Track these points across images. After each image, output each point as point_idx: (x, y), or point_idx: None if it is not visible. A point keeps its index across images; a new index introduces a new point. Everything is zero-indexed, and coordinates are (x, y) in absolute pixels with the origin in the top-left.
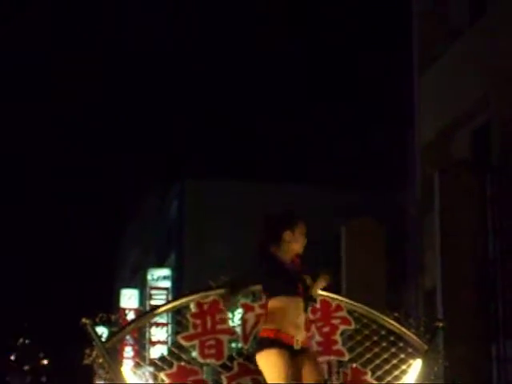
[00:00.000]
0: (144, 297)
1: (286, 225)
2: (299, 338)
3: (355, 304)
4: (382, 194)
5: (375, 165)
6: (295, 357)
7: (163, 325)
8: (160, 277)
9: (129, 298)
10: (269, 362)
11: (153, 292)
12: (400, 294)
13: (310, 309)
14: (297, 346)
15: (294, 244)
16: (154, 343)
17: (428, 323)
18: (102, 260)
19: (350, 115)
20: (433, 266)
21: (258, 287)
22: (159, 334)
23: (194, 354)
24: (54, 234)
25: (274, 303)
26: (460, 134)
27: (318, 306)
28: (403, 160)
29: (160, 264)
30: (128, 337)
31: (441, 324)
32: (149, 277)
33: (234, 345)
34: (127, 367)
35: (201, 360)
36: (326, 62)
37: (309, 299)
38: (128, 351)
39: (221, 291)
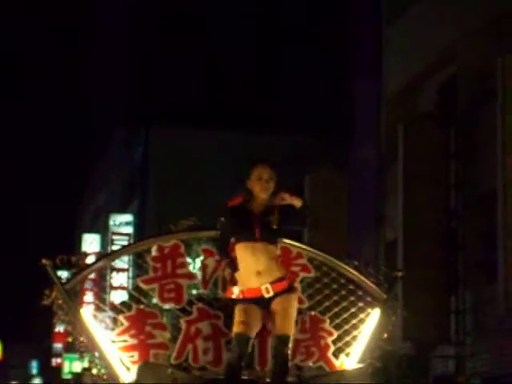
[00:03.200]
0: (106, 242)
1: (247, 174)
2: (268, 284)
3: (315, 252)
4: (345, 144)
5: (340, 114)
6: (269, 305)
7: (124, 270)
8: (122, 222)
9: (90, 243)
10: (234, 316)
11: (114, 237)
12: (361, 244)
13: (278, 246)
14: (268, 294)
15: (254, 190)
16: (114, 288)
17: (387, 273)
18: (64, 204)
19: (317, 62)
20: (394, 217)
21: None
22: (120, 278)
23: (154, 299)
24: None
25: (236, 251)
26: (426, 87)
27: (278, 252)
28: (368, 111)
29: (123, 210)
30: (88, 281)
31: (400, 274)
32: (111, 222)
33: (194, 291)
34: (87, 311)
35: (160, 303)
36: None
37: (269, 235)
38: (89, 296)
39: (181, 235)
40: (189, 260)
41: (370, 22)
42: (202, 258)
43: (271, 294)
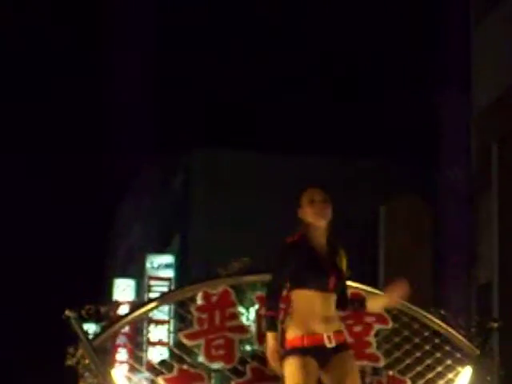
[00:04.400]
0: (142, 288)
1: (298, 203)
2: (331, 333)
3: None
4: (428, 169)
5: (419, 134)
6: (330, 357)
7: (163, 322)
8: (161, 265)
9: (123, 290)
10: (288, 373)
11: (152, 283)
12: (448, 288)
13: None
14: (330, 344)
15: (307, 217)
16: (152, 344)
17: (481, 323)
18: (92, 244)
19: (395, 73)
20: (488, 255)
21: None
22: (159, 332)
23: (200, 357)
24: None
25: (297, 295)
26: None
27: None
28: (454, 129)
29: (161, 249)
30: (121, 336)
31: (496, 324)
32: (148, 264)
33: (248, 347)
34: (120, 372)
35: (207, 363)
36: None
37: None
38: (122, 353)
39: (232, 280)
40: (241, 310)
41: (455, 25)
42: (256, 307)
43: (333, 344)
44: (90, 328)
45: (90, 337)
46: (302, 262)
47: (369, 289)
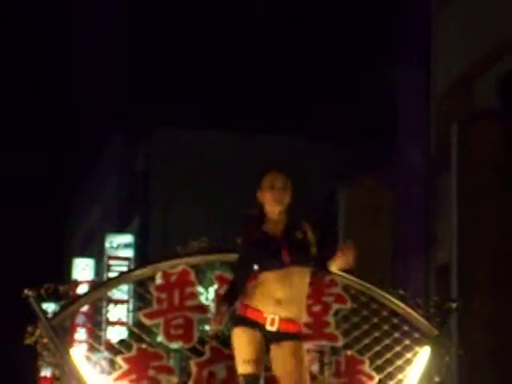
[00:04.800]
0: (101, 268)
1: (259, 185)
2: (277, 316)
3: (352, 279)
4: (387, 150)
5: (379, 114)
6: (272, 342)
7: (123, 301)
8: (121, 244)
9: (83, 269)
10: (233, 343)
11: (112, 262)
12: (407, 269)
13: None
14: (271, 327)
15: (265, 202)
16: (111, 323)
17: (439, 303)
18: (50, 223)
19: (348, 53)
20: (447, 236)
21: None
22: (118, 312)
23: (159, 336)
24: None
25: (260, 275)
26: (485, 78)
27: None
28: (413, 109)
29: (121, 229)
30: (80, 315)
31: (454, 304)
32: (107, 244)
33: (207, 327)
34: (79, 351)
35: (166, 342)
36: None
37: (300, 257)
38: (80, 333)
39: (191, 259)
40: (200, 289)
41: (417, 4)
42: (215, 286)
43: (274, 328)
44: (50, 307)
45: (49, 316)
46: (256, 246)
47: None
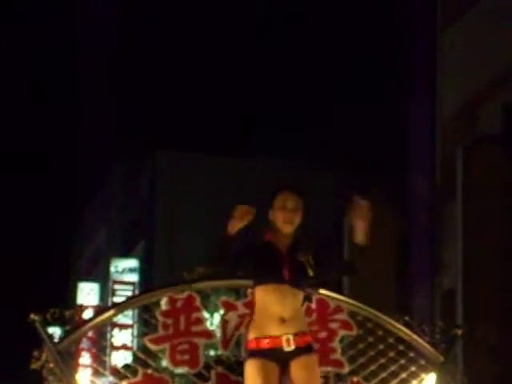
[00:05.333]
0: (106, 292)
1: (270, 203)
2: (290, 335)
3: (358, 305)
4: (392, 176)
5: (384, 141)
6: (289, 361)
7: (127, 326)
8: (125, 269)
9: (87, 294)
10: (246, 376)
11: (116, 287)
12: (413, 295)
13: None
14: (288, 347)
15: (276, 221)
16: (116, 348)
17: (445, 330)
18: (55, 247)
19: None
20: (453, 262)
21: (244, 282)
22: (123, 337)
23: (165, 361)
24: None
25: (256, 295)
26: (490, 106)
27: (313, 306)
28: (419, 135)
29: (126, 253)
30: (85, 340)
31: (460, 331)
32: (112, 268)
33: (213, 352)
34: (84, 376)
35: (171, 367)
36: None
37: (300, 278)
38: (85, 357)
39: (197, 285)
40: (206, 315)
41: (421, 30)
42: (221, 312)
43: (292, 347)
44: (55, 332)
45: (55, 340)
46: (259, 257)
47: (332, 294)
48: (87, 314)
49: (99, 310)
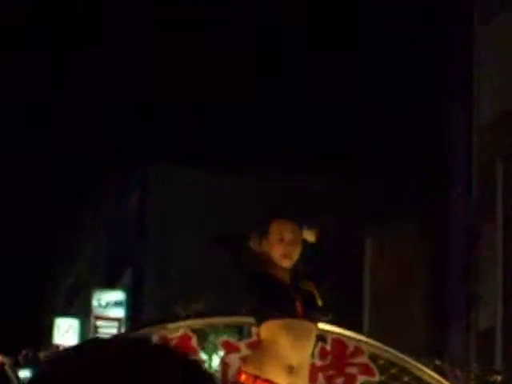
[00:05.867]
0: (87, 329)
1: (265, 232)
2: None
3: (381, 347)
4: (420, 191)
5: (412, 151)
6: None
7: None
8: (110, 302)
9: (66, 332)
10: None
11: (99, 323)
12: (444, 335)
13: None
14: None
15: (272, 254)
16: None
17: (482, 375)
18: (29, 277)
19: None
20: (491, 296)
21: (247, 319)
22: None
23: None
24: None
25: (262, 334)
26: None
27: (328, 347)
28: (454, 146)
29: (110, 284)
30: None
31: (499, 377)
32: (94, 302)
33: None
34: None
35: None
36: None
37: (314, 311)
38: None
39: (193, 322)
40: (204, 356)
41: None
42: (221, 353)
43: None
44: (25, 374)
45: None
46: (264, 287)
47: (351, 334)
48: None
49: None
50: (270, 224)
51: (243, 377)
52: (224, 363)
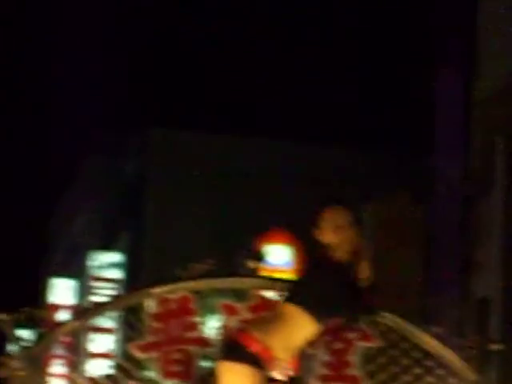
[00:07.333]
0: (84, 291)
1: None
2: (283, 368)
3: (379, 312)
4: (420, 164)
5: (408, 124)
6: None
7: (109, 331)
8: (107, 263)
9: (63, 291)
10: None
11: (96, 285)
12: (440, 301)
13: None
14: (279, 375)
15: (332, 244)
16: (95, 355)
17: (479, 344)
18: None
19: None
20: (489, 265)
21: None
22: (104, 342)
23: (152, 372)
24: None
25: (285, 309)
26: None
27: None
28: (452, 120)
29: (107, 246)
30: (59, 347)
31: (497, 346)
32: (91, 263)
33: (208, 364)
34: None
35: (160, 379)
36: None
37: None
38: (59, 365)
39: (194, 284)
40: (201, 319)
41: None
42: (216, 316)
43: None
44: (23, 335)
45: (26, 345)
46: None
47: None
48: (62, 315)
49: (77, 311)
50: (320, 215)
51: (242, 338)
52: (224, 326)
